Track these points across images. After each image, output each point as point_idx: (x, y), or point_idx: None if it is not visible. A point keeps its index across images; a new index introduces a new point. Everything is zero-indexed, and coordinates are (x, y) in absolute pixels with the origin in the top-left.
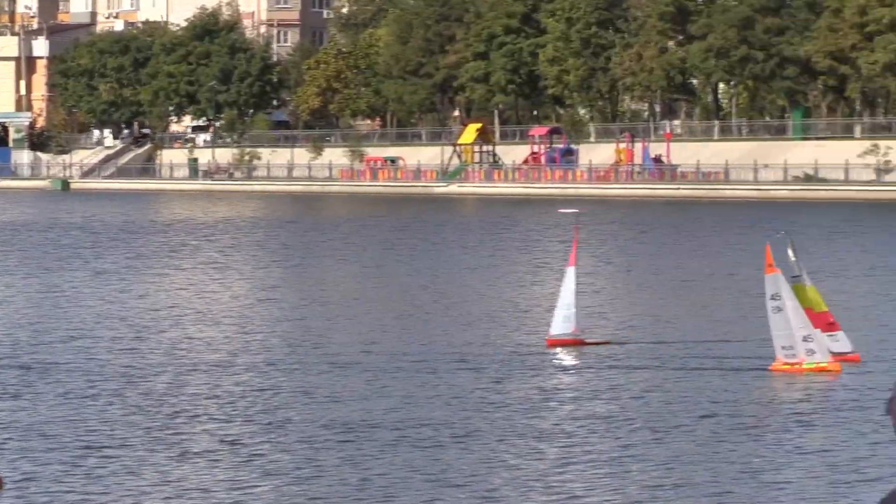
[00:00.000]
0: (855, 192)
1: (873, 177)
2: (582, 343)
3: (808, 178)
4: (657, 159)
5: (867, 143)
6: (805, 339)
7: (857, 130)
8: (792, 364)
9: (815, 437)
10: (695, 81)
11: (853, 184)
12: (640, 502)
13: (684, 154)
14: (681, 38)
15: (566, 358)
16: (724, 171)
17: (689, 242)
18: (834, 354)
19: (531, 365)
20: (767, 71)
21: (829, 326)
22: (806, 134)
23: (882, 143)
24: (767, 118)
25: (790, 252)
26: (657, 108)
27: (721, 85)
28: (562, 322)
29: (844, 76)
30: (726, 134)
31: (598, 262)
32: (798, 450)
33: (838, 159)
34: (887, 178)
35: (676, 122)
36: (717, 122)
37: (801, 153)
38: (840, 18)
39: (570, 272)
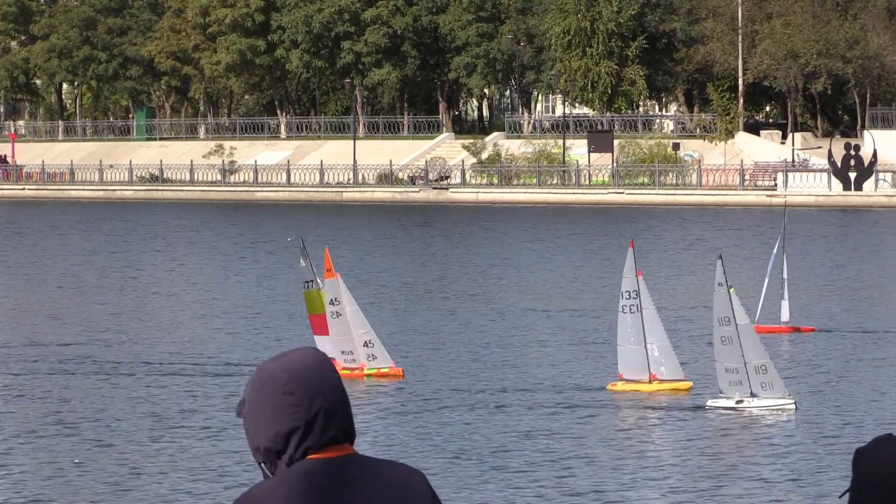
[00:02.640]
0: (201, 192)
1: (219, 177)
2: None
3: (154, 179)
4: (2, 160)
5: (212, 144)
6: (366, 344)
7: (202, 131)
8: (352, 369)
9: None
10: (38, 81)
11: (199, 184)
12: None
13: (30, 154)
14: (24, 38)
15: None
16: (69, 172)
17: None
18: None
19: None
20: (110, 71)
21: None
22: (150, 134)
23: (226, 144)
24: (112, 119)
25: (302, 256)
26: (1, 109)
27: (65, 85)
28: None
29: (188, 76)
30: (71, 134)
31: None
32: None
33: (184, 160)
34: (232, 178)
35: (21, 123)
36: (61, 122)
37: (147, 153)
38: (182, 19)
39: None
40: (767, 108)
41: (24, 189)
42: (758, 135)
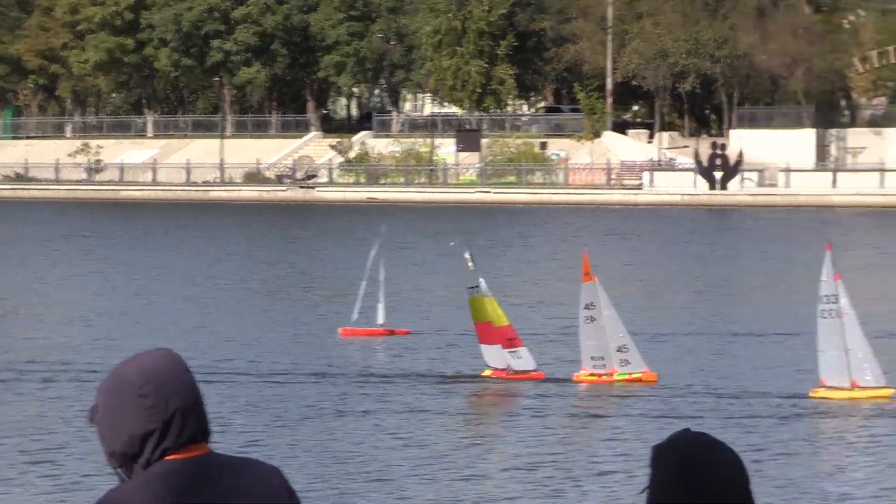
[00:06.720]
0: (66, 191)
1: (84, 176)
2: None
3: (20, 178)
4: None
5: (78, 143)
6: (621, 349)
7: (69, 130)
8: (600, 374)
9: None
10: None
11: (64, 183)
12: None
13: None
14: None
15: None
16: None
17: None
18: (516, 372)
19: None
20: None
21: (510, 342)
22: (16, 133)
23: (93, 143)
24: None
25: (468, 262)
26: None
27: None
28: None
29: (55, 75)
30: None
31: None
32: None
33: (49, 158)
34: (98, 177)
35: None
36: None
37: (13, 152)
38: (51, 17)
39: None
40: (635, 108)
41: None
42: (625, 134)
